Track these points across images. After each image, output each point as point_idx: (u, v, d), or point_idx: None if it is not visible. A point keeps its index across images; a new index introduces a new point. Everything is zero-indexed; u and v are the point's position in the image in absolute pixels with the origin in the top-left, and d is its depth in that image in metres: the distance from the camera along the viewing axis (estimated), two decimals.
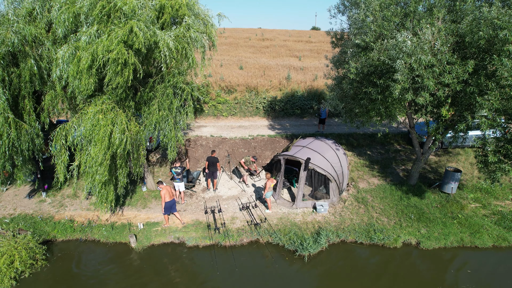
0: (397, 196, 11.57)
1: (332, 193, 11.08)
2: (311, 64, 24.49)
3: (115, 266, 9.04)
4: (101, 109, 8.38)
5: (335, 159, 11.26)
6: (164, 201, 9.63)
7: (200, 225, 10.29)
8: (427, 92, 8.39)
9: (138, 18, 7.97)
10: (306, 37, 39.24)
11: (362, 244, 9.88)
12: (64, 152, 8.80)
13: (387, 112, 10.04)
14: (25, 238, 9.08)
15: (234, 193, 12.06)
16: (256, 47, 30.94)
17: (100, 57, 7.56)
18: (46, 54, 8.87)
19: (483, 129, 8.22)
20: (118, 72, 7.92)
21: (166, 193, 9.64)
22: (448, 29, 8.35)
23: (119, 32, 7.59)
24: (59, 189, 11.74)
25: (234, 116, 18.14)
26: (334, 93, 12.10)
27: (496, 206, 11.21)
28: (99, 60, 7.60)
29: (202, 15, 10.02)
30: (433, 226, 10.24)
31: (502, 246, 9.77)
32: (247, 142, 14.85)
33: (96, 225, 10.25)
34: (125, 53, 7.66)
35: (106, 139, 8.19)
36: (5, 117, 8.60)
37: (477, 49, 8.16)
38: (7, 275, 8.19)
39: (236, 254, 9.32)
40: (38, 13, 8.73)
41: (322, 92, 18.81)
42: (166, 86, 9.23)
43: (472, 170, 12.96)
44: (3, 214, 10.64)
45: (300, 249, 9.29)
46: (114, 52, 7.49)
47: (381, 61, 8.97)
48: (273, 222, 10.39)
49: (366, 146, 14.87)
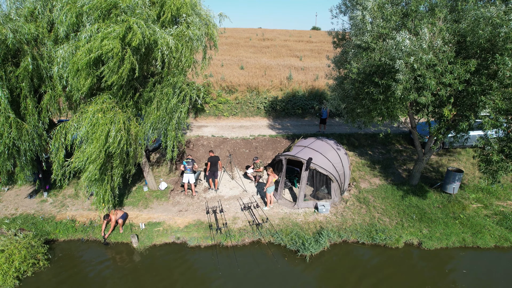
0: (399, 196, 11.57)
1: (333, 193, 11.07)
2: (312, 64, 24.48)
3: (117, 266, 9.02)
4: (101, 108, 8.37)
5: (337, 159, 11.25)
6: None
7: (201, 225, 10.28)
8: (429, 92, 8.38)
9: (138, 16, 7.96)
10: (307, 37, 39.25)
11: (364, 244, 9.87)
12: (61, 150, 8.79)
13: (389, 112, 10.02)
14: (26, 237, 9.08)
15: (235, 193, 12.04)
16: (257, 47, 30.95)
17: (94, 50, 7.53)
18: (47, 53, 8.87)
19: (486, 129, 8.21)
20: (114, 69, 7.90)
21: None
22: (450, 28, 8.35)
23: (116, 28, 7.57)
24: (61, 189, 11.73)
25: (235, 116, 18.13)
26: (336, 93, 12.09)
27: (498, 207, 11.19)
28: (94, 53, 7.55)
29: (204, 15, 10.02)
30: (435, 226, 10.23)
31: (504, 247, 9.76)
32: (248, 142, 14.84)
33: (97, 225, 10.24)
34: (118, 47, 7.57)
35: (103, 138, 8.19)
36: (5, 116, 8.59)
37: (479, 49, 8.15)
38: (10, 275, 8.19)
39: (238, 254, 9.31)
40: (40, 12, 8.73)
41: (323, 92, 18.81)
42: (166, 85, 9.21)
43: (474, 170, 12.94)
44: (4, 214, 10.64)
45: (302, 249, 9.29)
46: (106, 46, 7.44)
47: (382, 61, 8.96)
48: (275, 222, 10.38)
49: (367, 146, 14.86)
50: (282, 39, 36.88)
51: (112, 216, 9.83)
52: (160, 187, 11.97)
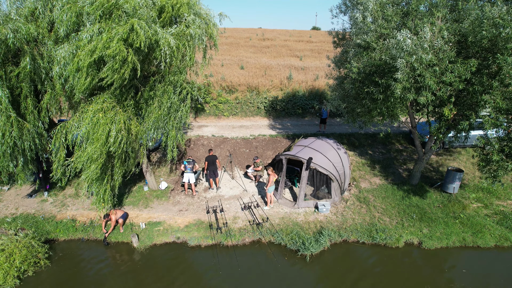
0: (399, 196, 11.57)
1: (334, 193, 11.08)
2: (312, 64, 24.48)
3: (117, 265, 9.03)
4: (101, 107, 8.38)
5: (337, 158, 11.25)
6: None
7: (202, 224, 10.29)
8: (429, 91, 8.39)
9: (139, 17, 7.97)
10: (307, 37, 39.26)
11: (364, 244, 9.88)
12: (62, 149, 8.79)
13: (389, 112, 10.03)
14: (27, 236, 9.08)
15: (235, 193, 12.05)
16: (257, 47, 30.95)
17: (97, 52, 7.54)
18: (47, 53, 8.87)
19: (487, 128, 8.22)
20: (116, 69, 7.90)
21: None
22: (450, 28, 8.35)
23: (120, 30, 7.58)
24: (61, 189, 11.73)
25: (236, 116, 18.13)
26: (336, 93, 12.09)
27: (498, 206, 11.20)
28: (96, 54, 7.56)
29: (204, 15, 10.02)
30: (435, 226, 10.23)
31: (504, 246, 9.76)
32: (248, 142, 14.85)
33: (98, 224, 10.25)
34: (124, 51, 7.62)
35: (103, 138, 8.19)
36: (7, 116, 8.60)
37: (480, 48, 8.15)
38: (11, 274, 8.19)
39: (238, 254, 9.31)
40: (41, 12, 8.74)
41: (323, 92, 18.81)
42: (166, 84, 9.22)
43: (474, 170, 12.95)
44: (5, 213, 10.64)
45: (302, 249, 9.29)
46: (112, 49, 7.46)
47: (383, 60, 8.96)
48: (275, 221, 10.38)
49: (367, 146, 14.87)
50: (282, 39, 36.88)
51: (112, 216, 9.84)
52: (160, 186, 11.98)
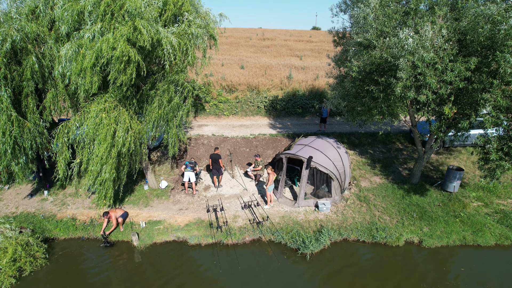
0: (399, 194, 11.57)
1: (334, 192, 11.07)
2: (312, 63, 24.49)
3: (117, 264, 9.03)
4: (103, 107, 8.38)
5: (337, 157, 11.25)
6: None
7: (202, 223, 10.29)
8: (429, 90, 8.39)
9: (142, 16, 7.98)
10: (307, 36, 39.27)
11: (364, 242, 9.87)
12: (66, 149, 8.79)
13: (389, 111, 10.03)
14: (24, 235, 9.04)
15: (236, 192, 12.05)
16: (257, 47, 30.96)
17: (105, 55, 7.57)
18: (48, 52, 8.88)
19: (487, 127, 8.22)
20: (121, 70, 7.93)
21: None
22: (450, 26, 8.35)
23: (124, 30, 7.59)
24: (61, 188, 11.73)
25: (236, 115, 18.14)
26: (336, 91, 12.09)
27: (498, 205, 11.19)
28: (104, 58, 7.61)
29: (204, 15, 10.05)
30: (436, 224, 10.23)
31: (505, 245, 9.75)
32: (248, 141, 14.85)
33: (98, 223, 10.25)
34: (129, 51, 7.66)
35: (109, 138, 8.20)
36: (8, 115, 8.60)
37: (479, 46, 8.15)
38: (6, 273, 8.12)
39: (238, 253, 9.31)
40: (41, 10, 8.75)
41: (324, 92, 18.81)
42: (168, 83, 9.23)
43: (474, 169, 12.94)
44: (5, 212, 10.64)
45: (302, 248, 9.29)
46: (118, 50, 7.49)
47: (383, 59, 8.96)
48: (275, 220, 10.38)
49: (367, 145, 14.86)
50: (282, 38, 36.89)
51: (112, 214, 9.83)
52: (160, 185, 11.98)
